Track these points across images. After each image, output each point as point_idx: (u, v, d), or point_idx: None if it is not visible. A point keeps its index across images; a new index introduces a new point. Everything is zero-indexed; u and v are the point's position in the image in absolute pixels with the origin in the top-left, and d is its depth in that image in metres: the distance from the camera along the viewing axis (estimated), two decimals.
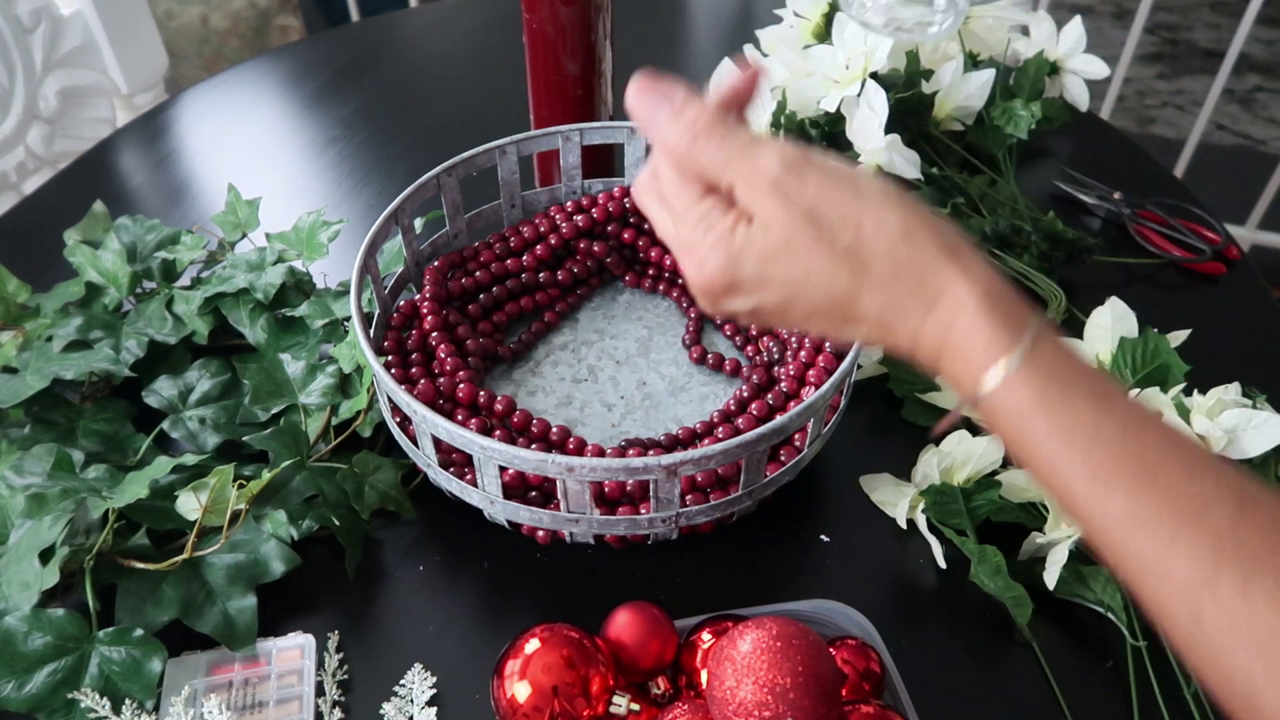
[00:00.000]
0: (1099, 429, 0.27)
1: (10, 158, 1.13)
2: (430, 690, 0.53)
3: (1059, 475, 0.28)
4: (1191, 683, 0.51)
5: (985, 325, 0.28)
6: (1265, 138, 2.07)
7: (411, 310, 0.66)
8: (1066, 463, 0.28)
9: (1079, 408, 0.28)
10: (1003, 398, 0.28)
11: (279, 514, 0.56)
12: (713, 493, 0.56)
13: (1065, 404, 0.28)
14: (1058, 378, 0.28)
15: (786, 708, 0.41)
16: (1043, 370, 0.28)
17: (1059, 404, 0.28)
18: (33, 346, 0.66)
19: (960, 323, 0.29)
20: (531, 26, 0.71)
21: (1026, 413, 0.28)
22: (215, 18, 1.71)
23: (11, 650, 0.50)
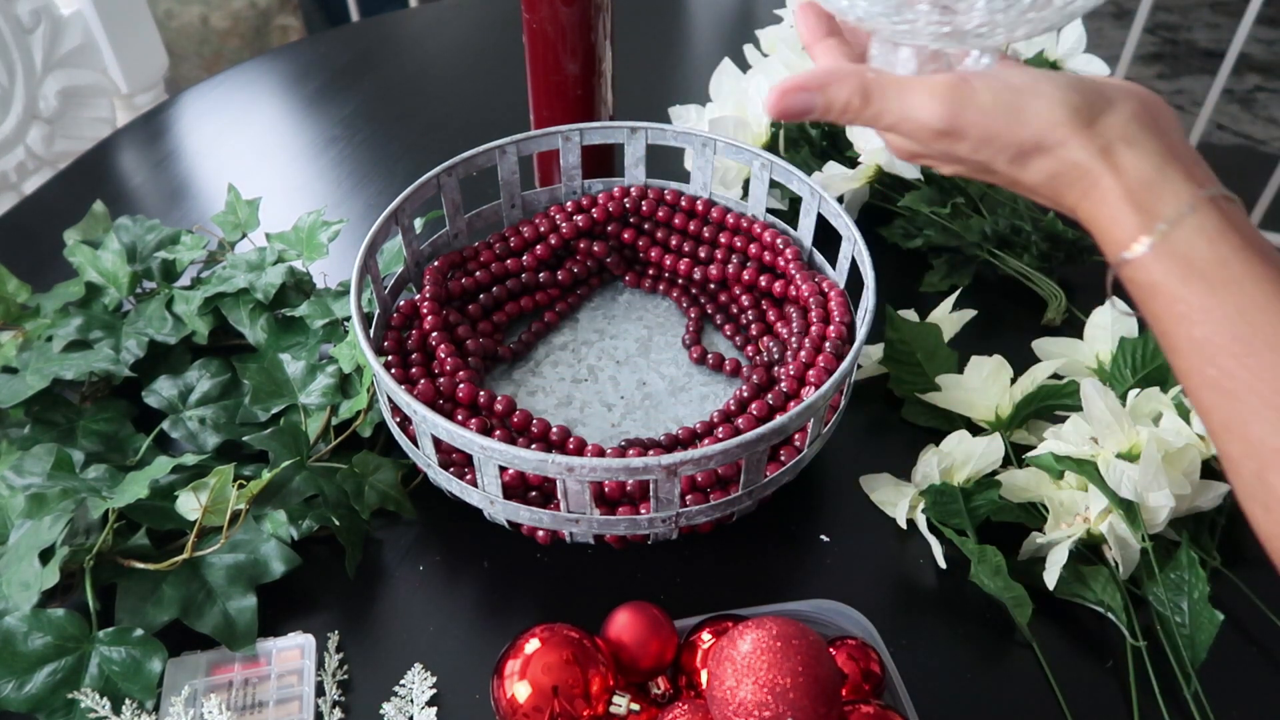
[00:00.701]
0: (1217, 308, 0.32)
1: (10, 158, 1.13)
2: (430, 690, 0.53)
3: (1172, 348, 0.34)
4: (1191, 682, 0.51)
5: (1125, 215, 0.34)
6: (1265, 138, 2.08)
7: (411, 310, 0.66)
8: (1177, 337, 0.33)
9: (1200, 290, 0.32)
10: (1131, 274, 0.34)
11: (279, 514, 0.56)
12: (713, 493, 0.56)
13: (1187, 286, 0.32)
14: (1190, 260, 0.32)
15: (786, 708, 0.41)
16: (1175, 252, 0.32)
17: (1181, 286, 0.32)
18: (33, 346, 0.66)
19: (1105, 212, 0.34)
20: (531, 26, 0.71)
21: (1151, 289, 0.33)
22: (215, 18, 1.71)
23: (11, 650, 0.50)
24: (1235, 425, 0.32)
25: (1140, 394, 0.58)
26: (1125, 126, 0.35)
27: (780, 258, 0.68)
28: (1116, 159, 0.34)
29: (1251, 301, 0.31)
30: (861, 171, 0.74)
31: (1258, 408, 0.31)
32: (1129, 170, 0.34)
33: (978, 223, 0.74)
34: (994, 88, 0.35)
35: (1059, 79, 0.35)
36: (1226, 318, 0.32)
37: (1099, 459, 0.54)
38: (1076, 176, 0.35)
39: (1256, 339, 0.31)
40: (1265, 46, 2.32)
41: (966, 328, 0.68)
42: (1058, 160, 0.35)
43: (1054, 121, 0.35)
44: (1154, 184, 0.34)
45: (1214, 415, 0.33)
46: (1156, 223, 0.33)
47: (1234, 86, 2.19)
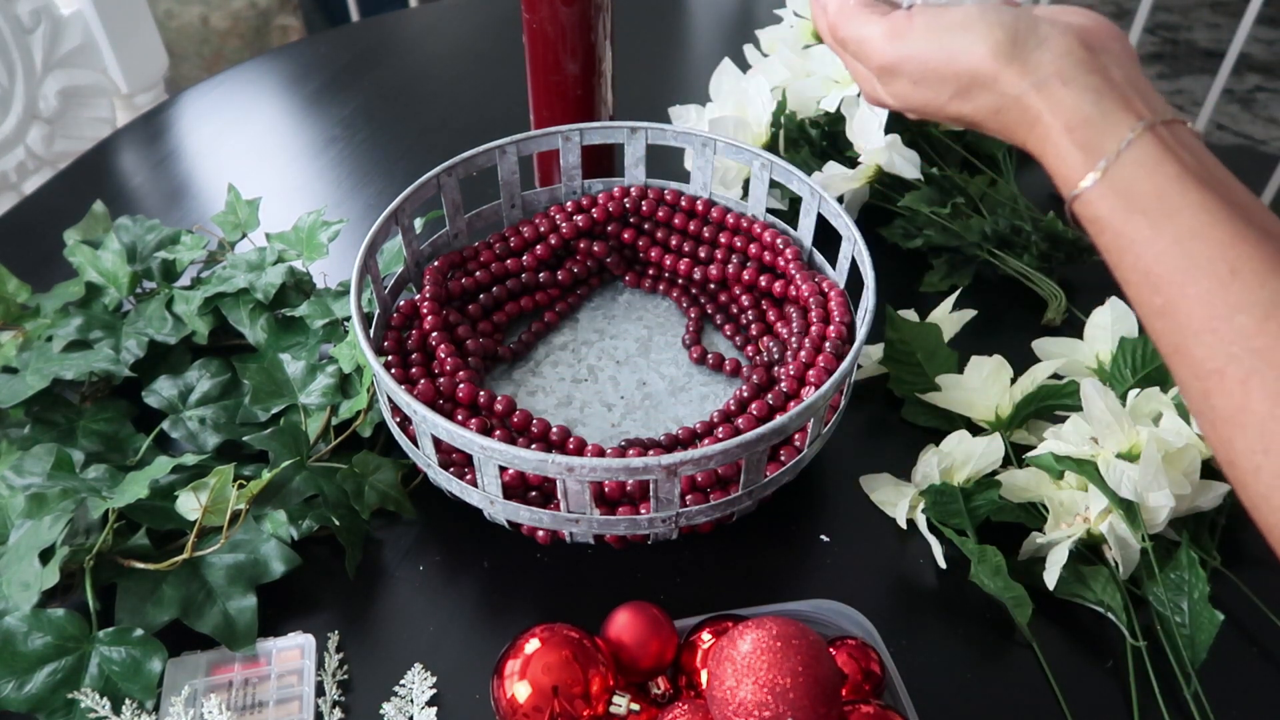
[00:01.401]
0: (1156, 240, 0.33)
1: (10, 158, 1.13)
2: (430, 690, 0.53)
3: (1121, 277, 0.35)
4: (1191, 682, 0.51)
5: (1067, 150, 0.35)
6: (1265, 138, 2.08)
7: (411, 310, 0.66)
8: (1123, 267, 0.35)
9: (1141, 224, 0.33)
10: (1078, 209, 0.35)
11: (279, 514, 0.56)
12: (713, 493, 0.56)
13: (1129, 219, 0.34)
14: (1132, 194, 0.34)
15: (786, 708, 0.41)
16: (1117, 187, 0.34)
17: (1123, 219, 0.34)
18: (33, 346, 0.66)
19: (1050, 149, 0.36)
20: (531, 26, 0.71)
21: (1098, 223, 0.35)
22: (215, 18, 1.71)
23: (11, 650, 0.50)
24: (1182, 350, 0.33)
25: (1140, 394, 0.58)
26: (1058, 62, 0.35)
27: (780, 258, 0.68)
28: (1052, 95, 0.35)
29: (1188, 230, 0.32)
30: (861, 171, 0.74)
31: (1199, 332, 0.32)
32: (1066, 107, 0.35)
33: (978, 223, 0.74)
34: (928, 24, 0.37)
35: (992, 15, 0.36)
36: (1166, 248, 0.33)
37: (1099, 459, 0.54)
38: (1019, 112, 0.36)
39: (1194, 267, 0.32)
40: (1265, 46, 2.32)
41: (966, 328, 0.68)
42: (997, 95, 0.36)
43: (981, 55, 0.36)
44: (1092, 120, 0.35)
45: (1163, 340, 0.34)
46: (1098, 159, 0.34)
47: (1234, 86, 2.19)
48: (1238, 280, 0.32)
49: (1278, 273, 0.31)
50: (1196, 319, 0.32)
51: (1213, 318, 0.32)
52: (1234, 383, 0.31)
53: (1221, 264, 0.32)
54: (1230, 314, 0.31)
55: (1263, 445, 0.31)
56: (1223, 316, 0.32)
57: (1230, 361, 0.32)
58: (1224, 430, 0.32)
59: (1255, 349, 0.31)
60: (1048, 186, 0.85)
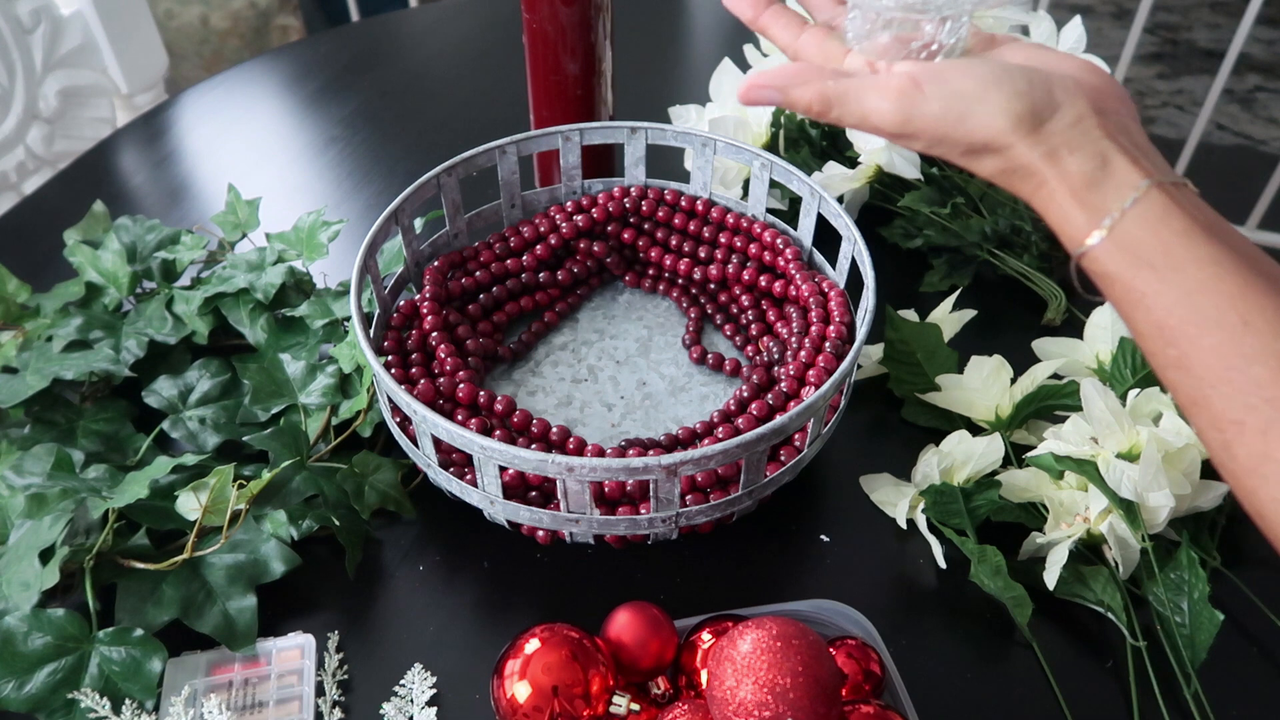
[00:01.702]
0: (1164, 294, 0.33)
1: (10, 158, 1.13)
2: (430, 690, 0.53)
3: (1132, 329, 0.35)
4: (1191, 682, 0.51)
5: (1073, 213, 0.36)
6: (1265, 138, 2.08)
7: (411, 310, 0.66)
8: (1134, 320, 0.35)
9: (1149, 278, 0.34)
10: (1087, 265, 0.36)
11: (279, 514, 0.56)
12: (713, 493, 0.56)
13: (1137, 274, 0.34)
14: (1138, 250, 0.34)
15: (786, 708, 0.41)
16: (1123, 243, 0.34)
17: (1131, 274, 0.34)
18: (33, 346, 0.66)
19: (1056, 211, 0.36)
20: (531, 26, 0.71)
21: (1107, 278, 0.35)
22: (215, 18, 1.71)
23: (11, 650, 0.50)
24: (1199, 401, 0.33)
25: (1140, 394, 0.58)
26: (1069, 131, 0.36)
27: (780, 258, 0.68)
28: (1060, 163, 0.36)
29: (1197, 283, 0.33)
30: (861, 171, 0.74)
31: (1215, 384, 0.32)
32: (1072, 172, 0.36)
33: (978, 223, 0.74)
34: (943, 95, 0.37)
35: (1008, 85, 0.37)
36: (1176, 302, 0.33)
37: (1099, 459, 0.54)
38: (1025, 174, 0.37)
39: (1206, 320, 0.32)
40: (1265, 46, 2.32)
41: (966, 328, 0.68)
42: (1006, 160, 0.37)
43: (999, 129, 0.36)
44: (1098, 182, 0.35)
45: (1180, 392, 0.34)
46: (1103, 218, 0.35)
47: (1234, 86, 2.19)
48: (1250, 331, 0.32)
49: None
50: (1212, 371, 0.32)
51: (1228, 369, 0.32)
52: (1254, 433, 0.32)
53: (1233, 315, 0.32)
54: (1245, 365, 0.32)
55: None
56: (1238, 368, 0.32)
57: (1249, 412, 0.32)
58: (1247, 481, 0.33)
59: (1271, 399, 0.31)
60: None
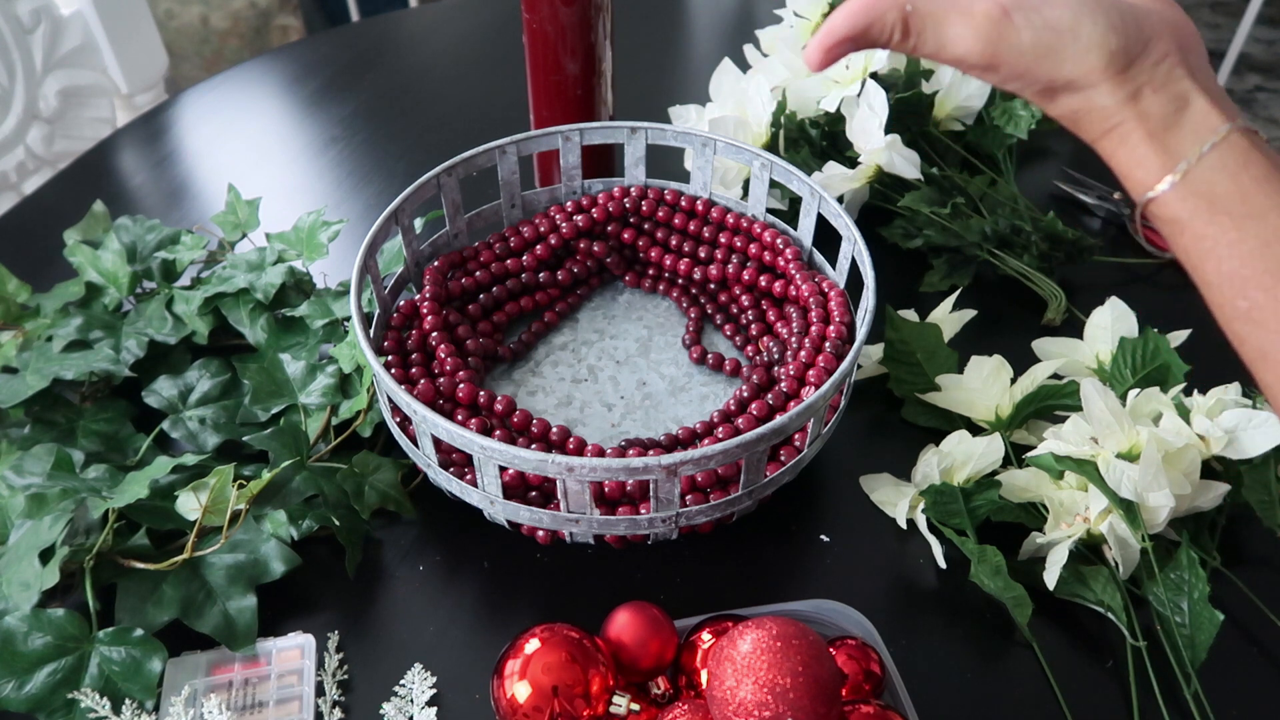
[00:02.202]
0: (1240, 241, 0.33)
1: (10, 158, 1.13)
2: (430, 690, 0.53)
3: (1202, 280, 0.35)
4: (1191, 682, 0.51)
5: (1146, 156, 0.34)
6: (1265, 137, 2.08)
7: (411, 310, 0.66)
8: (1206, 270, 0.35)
9: (1225, 225, 0.33)
10: (1156, 210, 0.35)
11: (279, 514, 0.56)
12: (713, 493, 0.56)
13: (1211, 221, 0.33)
14: (1212, 197, 0.33)
15: (786, 708, 0.41)
16: (1197, 189, 0.33)
17: (1204, 222, 0.34)
18: (33, 346, 0.66)
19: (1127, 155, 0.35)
20: (531, 26, 0.71)
21: (1177, 224, 0.34)
22: (215, 18, 1.71)
23: (11, 650, 0.50)
24: (1270, 356, 0.32)
25: (1140, 394, 0.58)
26: (1155, 70, 0.35)
27: (780, 258, 0.68)
28: (1142, 104, 0.34)
29: (1276, 233, 0.32)
30: (861, 171, 0.74)
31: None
32: (1153, 114, 0.34)
33: (978, 223, 0.74)
34: (1034, 25, 0.34)
35: (1101, 17, 0.34)
36: (1252, 251, 0.32)
37: (1099, 459, 0.54)
38: (1102, 117, 0.35)
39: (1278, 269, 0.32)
40: (1265, 46, 2.32)
41: (966, 328, 0.68)
42: (1085, 100, 0.35)
43: (1090, 67, 0.35)
44: (1175, 124, 0.34)
45: (1248, 345, 0.33)
46: (1179, 161, 0.34)
47: (1234, 86, 2.19)
48: None
49: None
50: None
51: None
52: None
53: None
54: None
55: None
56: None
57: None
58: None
59: None
60: (1048, 186, 0.85)
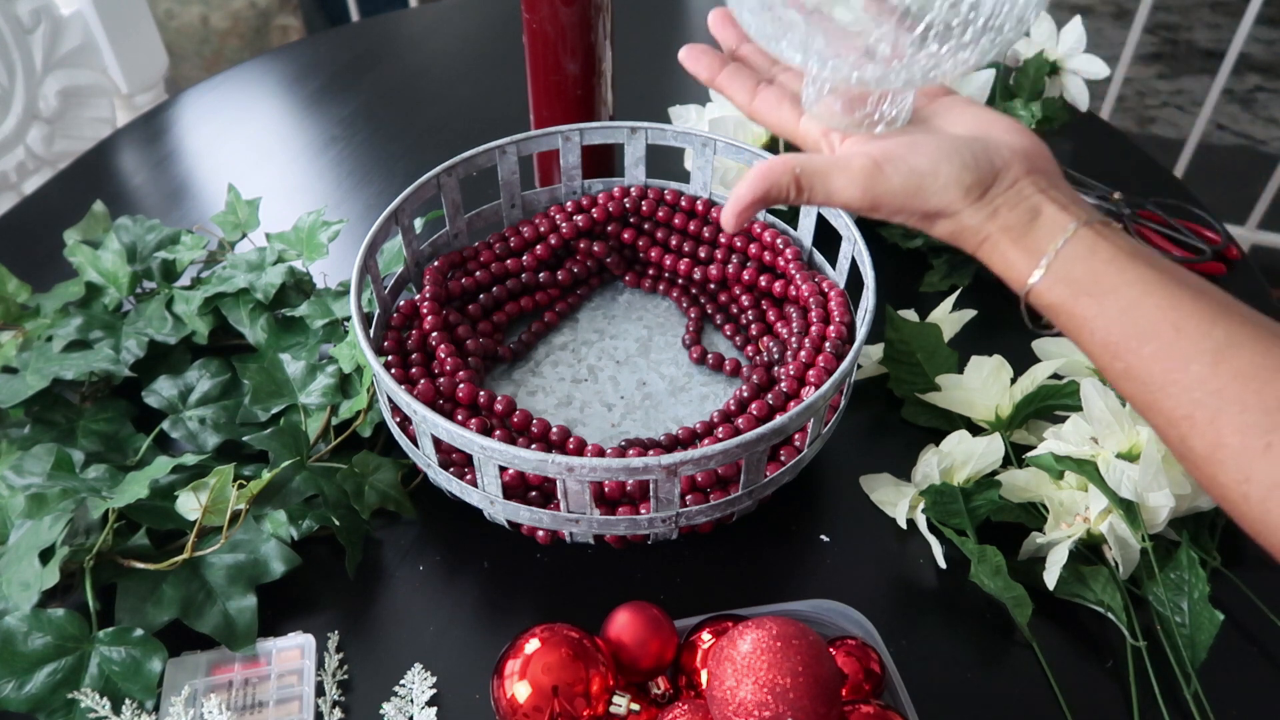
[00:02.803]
0: (1103, 314, 0.38)
1: (10, 158, 1.13)
2: (430, 690, 0.53)
3: (1086, 351, 0.39)
4: (1191, 682, 0.51)
5: (1016, 259, 0.40)
6: (1265, 138, 2.07)
7: (411, 310, 0.66)
8: (1084, 342, 0.39)
9: (1089, 304, 0.38)
10: (1035, 299, 0.40)
11: (279, 514, 0.56)
12: (713, 493, 0.56)
13: (1078, 302, 0.39)
14: (1075, 281, 0.38)
15: (786, 708, 0.41)
16: (1063, 278, 0.39)
17: (1073, 303, 0.39)
18: (33, 346, 0.66)
19: (1003, 260, 0.41)
20: (531, 26, 0.71)
21: (1054, 309, 0.40)
22: (215, 18, 1.71)
23: (11, 650, 0.50)
24: (1152, 405, 0.37)
25: None
26: (1008, 192, 0.41)
27: (780, 258, 0.68)
28: (1001, 219, 0.41)
29: (1129, 302, 0.37)
30: None
31: (1162, 386, 0.36)
32: (1012, 225, 0.41)
33: None
34: (901, 172, 0.41)
35: (957, 159, 0.41)
36: (1114, 320, 0.37)
37: (1099, 459, 0.54)
38: (973, 233, 0.42)
39: (1143, 332, 0.36)
40: (1265, 46, 2.32)
41: (966, 328, 0.68)
42: (956, 222, 0.42)
43: (951, 199, 0.41)
44: (1032, 230, 0.40)
45: (1135, 400, 0.38)
46: (1040, 258, 0.39)
47: (1234, 86, 2.19)
48: (1182, 335, 0.36)
49: (1218, 321, 0.36)
50: (1157, 375, 0.36)
51: (1170, 371, 0.36)
52: (1204, 425, 0.35)
53: (1164, 324, 0.36)
54: (1184, 364, 0.35)
55: (1243, 475, 0.34)
56: (1178, 368, 0.35)
57: (1196, 407, 0.35)
58: (1207, 469, 0.36)
59: (1214, 391, 0.34)
60: None
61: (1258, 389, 0.34)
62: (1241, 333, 0.35)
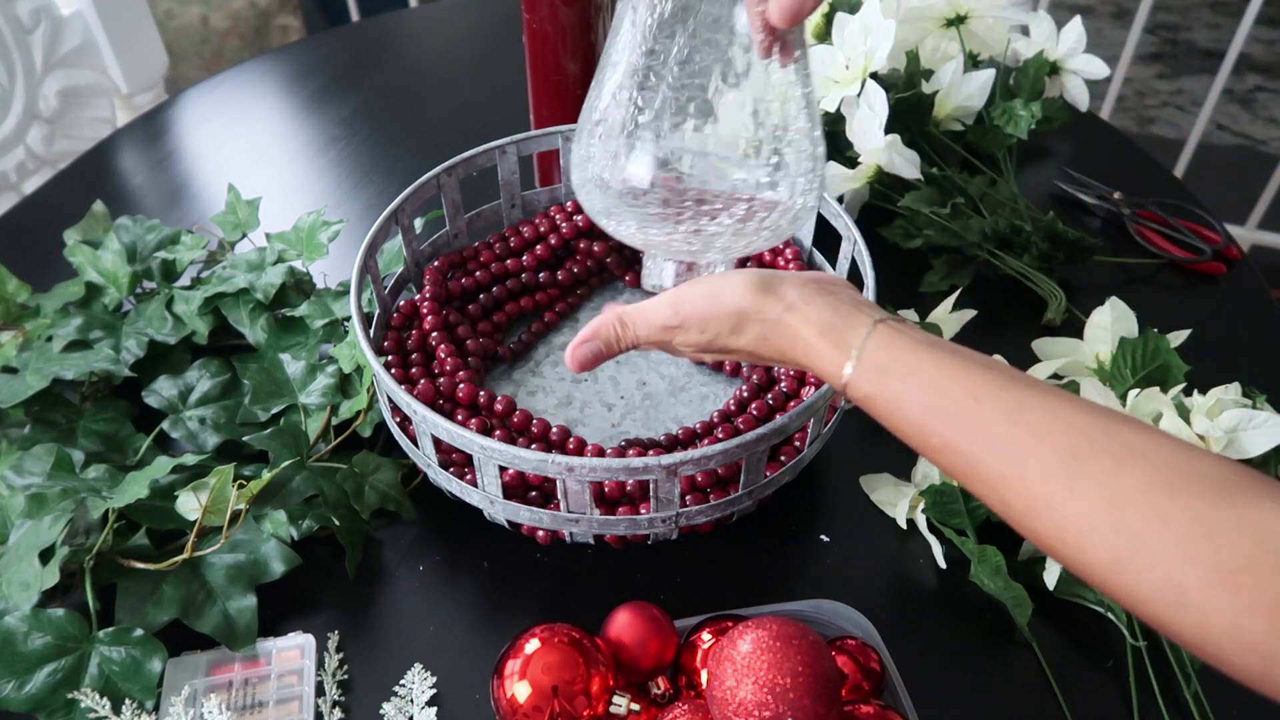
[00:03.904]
0: (911, 394, 0.40)
1: (10, 158, 1.13)
2: (430, 690, 0.53)
3: (903, 436, 0.41)
4: (1191, 682, 0.51)
5: (827, 351, 0.43)
6: (1265, 138, 2.07)
7: (411, 310, 0.66)
8: (899, 426, 0.41)
9: (897, 386, 0.41)
10: (852, 392, 0.42)
11: (279, 514, 0.56)
12: (713, 493, 0.56)
13: (886, 386, 0.41)
14: (882, 368, 0.41)
15: (786, 708, 0.41)
16: (871, 366, 0.41)
17: (882, 388, 0.41)
18: (33, 346, 0.66)
19: (813, 354, 0.43)
20: (531, 26, 0.71)
21: (868, 398, 0.42)
22: (215, 18, 1.71)
23: (11, 650, 0.50)
24: (968, 472, 0.39)
25: (1140, 394, 0.57)
26: (799, 293, 0.44)
27: (780, 257, 0.68)
28: (801, 314, 0.44)
29: (929, 379, 0.40)
30: (861, 171, 0.74)
31: (970, 452, 0.38)
32: (814, 319, 0.43)
33: (978, 223, 0.74)
34: (698, 288, 0.46)
35: (743, 271, 0.46)
36: (918, 398, 0.40)
37: None
38: (780, 332, 0.44)
39: (945, 404, 0.39)
40: (1265, 46, 2.32)
41: (966, 328, 0.68)
42: (760, 323, 0.44)
43: (742, 294, 0.45)
44: (836, 325, 0.43)
45: (954, 472, 0.40)
46: (850, 350, 0.42)
47: (1234, 86, 2.19)
48: (981, 403, 0.38)
49: (1009, 388, 0.38)
50: (964, 442, 0.38)
51: (975, 437, 0.38)
52: (1015, 482, 0.37)
53: (963, 394, 0.39)
54: (987, 427, 0.38)
55: (1057, 523, 0.36)
56: (981, 431, 0.38)
57: (1005, 466, 0.37)
58: (1027, 523, 0.37)
59: (1017, 449, 0.37)
60: (1048, 186, 0.85)
61: (1053, 442, 0.36)
62: (1031, 395, 0.38)
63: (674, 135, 0.45)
